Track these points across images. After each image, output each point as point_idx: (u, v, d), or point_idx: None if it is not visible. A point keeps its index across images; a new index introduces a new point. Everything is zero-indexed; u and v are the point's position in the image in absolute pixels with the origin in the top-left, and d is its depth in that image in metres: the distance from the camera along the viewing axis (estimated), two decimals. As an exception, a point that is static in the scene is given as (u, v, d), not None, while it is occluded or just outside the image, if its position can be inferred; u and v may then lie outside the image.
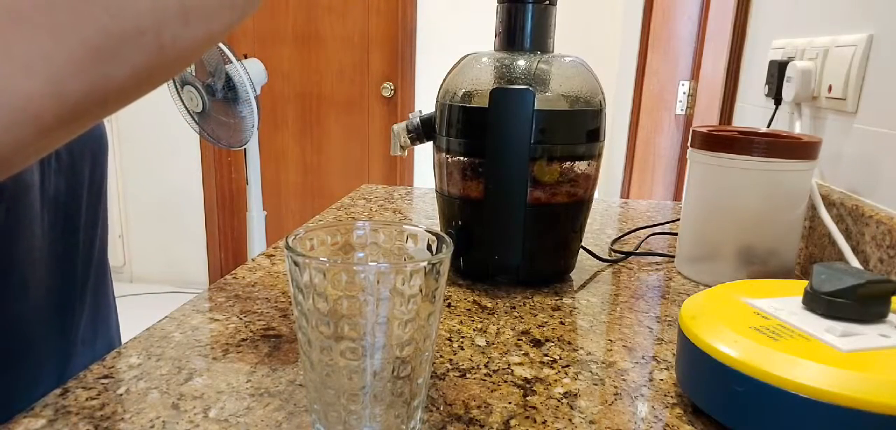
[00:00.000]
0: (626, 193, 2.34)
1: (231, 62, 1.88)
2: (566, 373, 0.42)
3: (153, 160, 2.95)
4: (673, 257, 0.69)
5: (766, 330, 0.35)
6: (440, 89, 0.59)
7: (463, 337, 0.47)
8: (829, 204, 0.65)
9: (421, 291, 0.29)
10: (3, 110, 0.22)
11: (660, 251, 0.71)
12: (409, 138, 0.63)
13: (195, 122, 2.02)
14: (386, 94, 2.77)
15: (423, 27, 2.66)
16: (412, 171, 2.84)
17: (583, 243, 0.66)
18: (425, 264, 0.29)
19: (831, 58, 0.69)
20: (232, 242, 3.09)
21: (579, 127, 0.55)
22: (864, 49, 0.63)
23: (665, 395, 0.39)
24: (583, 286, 0.59)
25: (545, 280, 0.59)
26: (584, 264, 0.65)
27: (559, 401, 0.38)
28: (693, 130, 0.61)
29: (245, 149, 2.05)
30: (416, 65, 2.71)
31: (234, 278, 0.57)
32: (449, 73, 0.59)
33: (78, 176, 0.51)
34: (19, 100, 0.22)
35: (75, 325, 0.52)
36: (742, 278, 0.58)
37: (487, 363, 0.43)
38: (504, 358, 0.43)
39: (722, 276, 0.59)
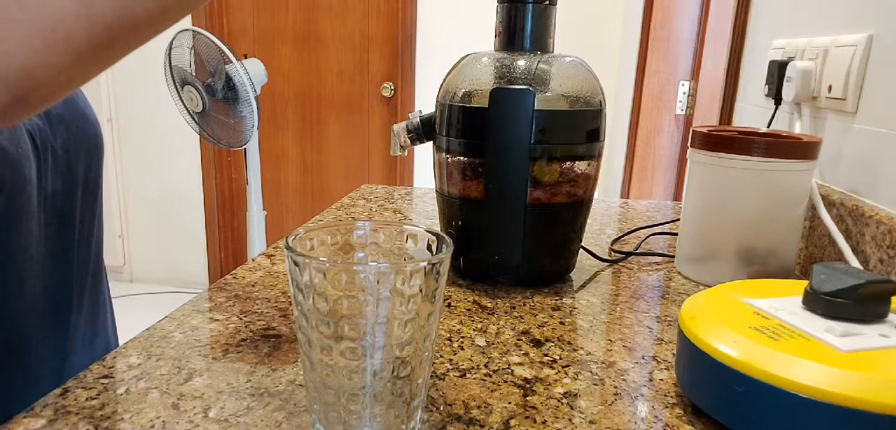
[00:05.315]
0: (626, 193, 2.34)
1: (231, 62, 1.88)
2: (566, 373, 0.42)
3: (153, 160, 2.95)
4: (673, 257, 0.69)
5: (766, 330, 0.35)
6: (440, 89, 0.59)
7: (463, 337, 0.47)
8: (829, 204, 0.65)
9: (421, 291, 0.29)
10: (34, 29, 0.22)
11: (660, 251, 0.71)
12: (409, 138, 0.63)
13: (195, 122, 2.02)
14: (386, 94, 2.77)
15: (423, 27, 2.66)
16: (412, 171, 2.84)
17: (583, 243, 0.66)
18: (425, 264, 0.29)
19: (831, 58, 0.69)
20: (232, 242, 3.09)
21: (579, 127, 0.55)
22: (864, 49, 0.63)
23: (665, 395, 0.39)
24: (583, 286, 0.59)
25: (545, 280, 0.59)
26: (584, 264, 0.65)
27: (559, 401, 0.38)
28: (693, 130, 0.61)
29: (245, 149, 2.05)
30: (416, 65, 2.71)
31: (234, 278, 0.57)
32: (449, 73, 0.59)
33: (74, 175, 0.51)
34: (50, 19, 0.22)
35: (73, 324, 0.52)
36: (742, 278, 0.58)
37: (487, 363, 0.43)
38: (504, 358, 0.43)
39: (722, 276, 0.59)
